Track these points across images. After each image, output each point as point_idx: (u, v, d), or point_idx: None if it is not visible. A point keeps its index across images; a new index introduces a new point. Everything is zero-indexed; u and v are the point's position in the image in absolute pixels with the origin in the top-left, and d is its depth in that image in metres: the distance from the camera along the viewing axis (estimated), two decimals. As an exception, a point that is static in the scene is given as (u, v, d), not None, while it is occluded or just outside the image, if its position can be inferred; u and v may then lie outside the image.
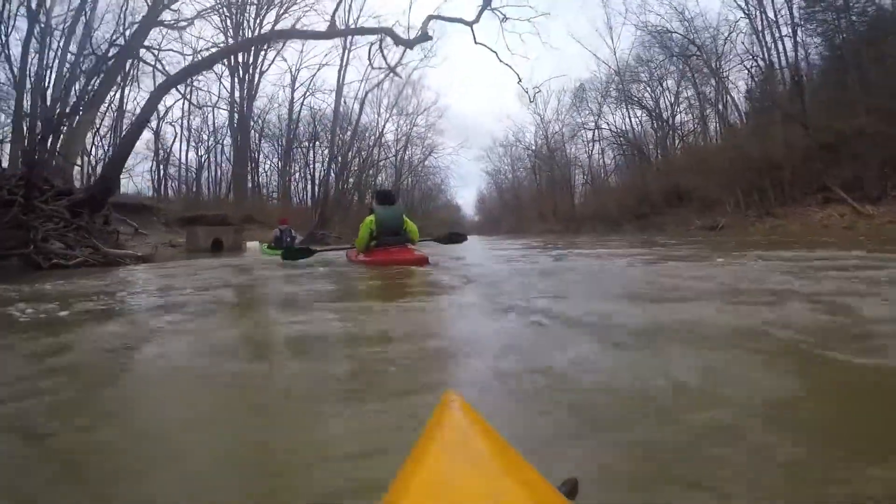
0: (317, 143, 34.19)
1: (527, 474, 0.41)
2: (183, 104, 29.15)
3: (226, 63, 29.00)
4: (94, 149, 24.78)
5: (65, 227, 8.03)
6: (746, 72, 25.20)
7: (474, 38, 13.24)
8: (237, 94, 29.18)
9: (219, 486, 0.96)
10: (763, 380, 1.42)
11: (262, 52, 29.72)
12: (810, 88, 20.21)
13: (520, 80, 12.27)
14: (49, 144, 11.26)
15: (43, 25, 13.77)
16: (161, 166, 29.41)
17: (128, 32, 15.22)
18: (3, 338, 2.43)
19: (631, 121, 33.77)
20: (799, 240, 9.85)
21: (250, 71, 29.37)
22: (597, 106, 36.49)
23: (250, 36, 28.84)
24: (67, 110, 12.31)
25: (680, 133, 31.49)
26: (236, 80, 29.12)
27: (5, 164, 11.02)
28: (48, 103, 12.92)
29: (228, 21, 28.12)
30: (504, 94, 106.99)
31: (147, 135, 29.57)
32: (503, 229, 48.56)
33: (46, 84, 13.46)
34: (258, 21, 28.82)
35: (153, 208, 19.04)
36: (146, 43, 15.24)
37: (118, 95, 24.54)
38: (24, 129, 12.63)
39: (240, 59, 28.89)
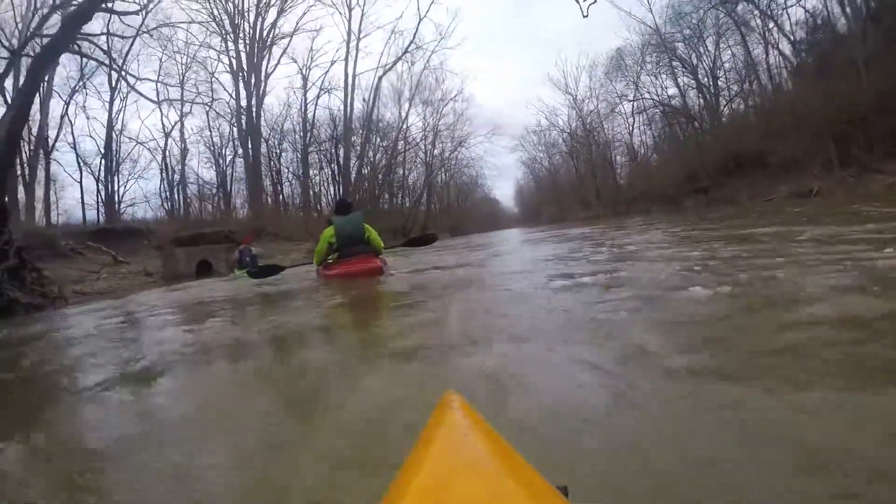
0: (339, 144, 32.22)
1: (527, 475, 0.40)
2: (178, 110, 28.00)
3: (228, 69, 28.01)
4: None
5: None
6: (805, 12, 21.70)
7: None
8: (243, 99, 27.86)
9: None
10: None
11: (267, 52, 28.43)
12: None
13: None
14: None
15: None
16: (169, 185, 28.71)
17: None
18: None
19: (678, 87, 30.22)
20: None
21: (255, 73, 27.96)
22: (634, 75, 33.24)
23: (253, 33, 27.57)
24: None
25: (727, 95, 27.96)
26: (241, 84, 27.80)
27: None
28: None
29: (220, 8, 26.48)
30: (534, 77, 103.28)
31: (147, 154, 28.68)
32: (544, 220, 45.90)
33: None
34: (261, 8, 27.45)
35: (143, 231, 18.31)
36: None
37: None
38: None
39: (243, 64, 27.66)
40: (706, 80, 28.34)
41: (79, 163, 25.29)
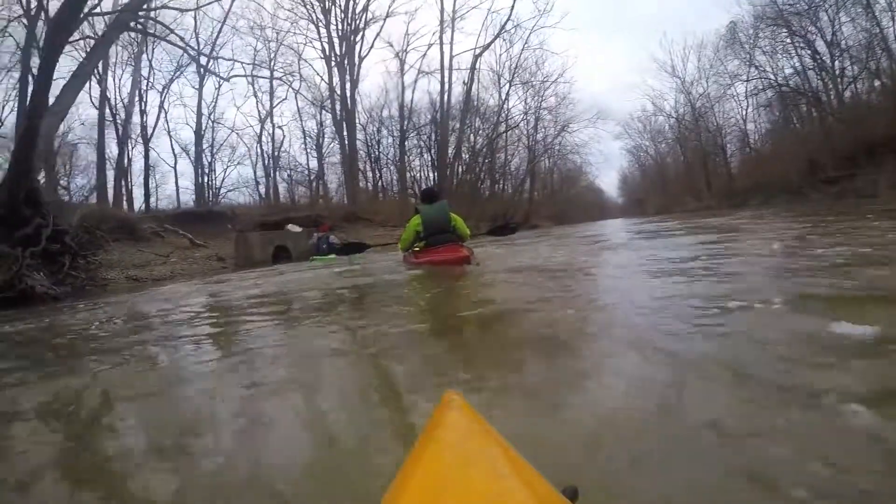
0: (437, 129, 31.20)
1: (527, 474, 0.40)
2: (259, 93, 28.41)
3: (321, 54, 27.81)
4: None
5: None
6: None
7: None
8: (336, 85, 27.68)
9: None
10: None
11: (360, 37, 28.04)
12: None
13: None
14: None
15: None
16: (264, 170, 29.40)
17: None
18: None
19: (796, 67, 27.70)
20: None
21: (347, 55, 27.55)
22: (748, 53, 30.47)
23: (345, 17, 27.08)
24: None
25: (851, 73, 24.96)
26: (334, 70, 27.59)
27: None
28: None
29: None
30: (638, 59, 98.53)
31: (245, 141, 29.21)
32: (650, 210, 44.78)
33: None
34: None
35: (227, 215, 18.73)
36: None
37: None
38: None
39: (336, 49, 27.50)
40: (827, 58, 25.82)
41: (172, 149, 27.36)
